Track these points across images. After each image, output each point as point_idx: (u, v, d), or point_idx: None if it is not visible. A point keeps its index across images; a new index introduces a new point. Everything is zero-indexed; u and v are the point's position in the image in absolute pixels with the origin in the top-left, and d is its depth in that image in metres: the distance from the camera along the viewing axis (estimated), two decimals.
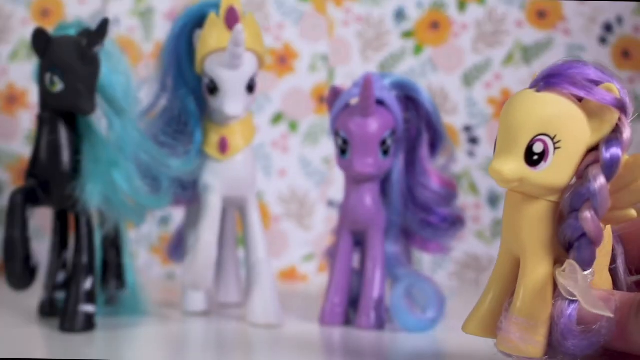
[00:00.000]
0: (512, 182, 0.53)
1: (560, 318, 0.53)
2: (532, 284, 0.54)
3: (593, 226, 0.52)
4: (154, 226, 1.10)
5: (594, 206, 0.52)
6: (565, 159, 0.53)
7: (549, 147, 0.52)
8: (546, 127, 0.52)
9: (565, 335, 0.53)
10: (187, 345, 0.77)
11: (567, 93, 0.53)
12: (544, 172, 0.53)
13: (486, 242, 1.09)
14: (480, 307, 0.57)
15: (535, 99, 0.53)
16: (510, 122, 0.53)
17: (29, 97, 1.09)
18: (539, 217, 0.54)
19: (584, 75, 0.53)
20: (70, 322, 0.77)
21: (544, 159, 0.52)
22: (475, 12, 1.10)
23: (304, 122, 1.11)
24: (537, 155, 0.52)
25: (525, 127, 0.53)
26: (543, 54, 1.09)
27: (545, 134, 0.52)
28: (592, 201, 0.52)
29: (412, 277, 0.82)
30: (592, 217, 0.52)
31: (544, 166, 0.53)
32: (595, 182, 0.52)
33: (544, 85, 0.54)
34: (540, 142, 0.52)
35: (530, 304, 0.54)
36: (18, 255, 0.75)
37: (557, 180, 0.53)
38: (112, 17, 1.06)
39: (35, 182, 0.77)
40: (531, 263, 0.54)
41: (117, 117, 0.79)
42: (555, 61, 0.55)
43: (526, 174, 0.53)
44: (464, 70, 1.11)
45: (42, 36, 0.76)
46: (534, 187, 0.53)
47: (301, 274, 1.11)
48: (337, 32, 1.11)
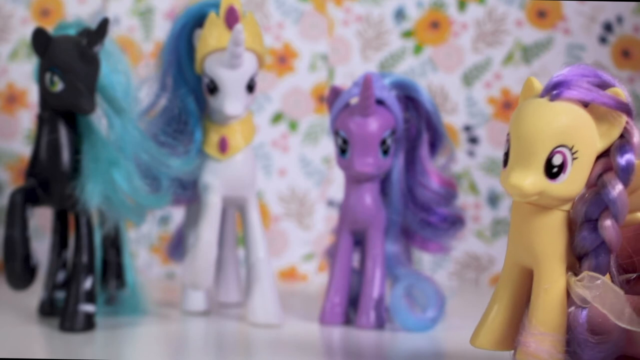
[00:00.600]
0: (532, 196, 0.52)
1: (575, 327, 0.52)
2: (552, 296, 0.53)
3: (614, 234, 0.52)
4: (154, 226, 1.10)
5: (613, 214, 0.52)
6: (581, 169, 0.52)
7: (568, 158, 0.52)
8: (564, 138, 0.52)
9: (582, 345, 0.52)
10: (187, 345, 0.77)
11: (577, 100, 0.53)
12: (562, 184, 0.52)
13: (486, 242, 1.09)
14: (487, 319, 0.57)
15: (550, 109, 0.52)
16: (525, 133, 0.52)
17: (29, 96, 1.09)
18: (554, 227, 0.53)
19: (591, 80, 0.53)
20: (70, 321, 0.77)
21: (563, 171, 0.52)
22: (475, 12, 1.10)
23: (304, 122, 1.11)
24: (557, 167, 0.52)
25: (543, 139, 0.52)
26: (543, 54, 1.09)
27: (564, 145, 0.52)
28: (612, 209, 0.52)
29: (412, 276, 0.83)
30: (613, 225, 0.52)
31: (563, 178, 0.52)
32: (614, 190, 0.51)
33: (556, 95, 0.53)
34: (560, 154, 0.52)
35: (550, 316, 0.53)
36: (18, 254, 0.75)
37: (574, 190, 0.53)
38: (112, 17, 1.06)
39: (35, 181, 0.77)
40: (548, 274, 0.53)
41: (117, 116, 0.78)
42: (561, 67, 0.54)
43: (546, 187, 0.52)
44: (464, 70, 1.10)
45: (42, 36, 0.76)
46: (552, 199, 0.53)
47: (301, 273, 1.11)
48: (337, 32, 1.11)
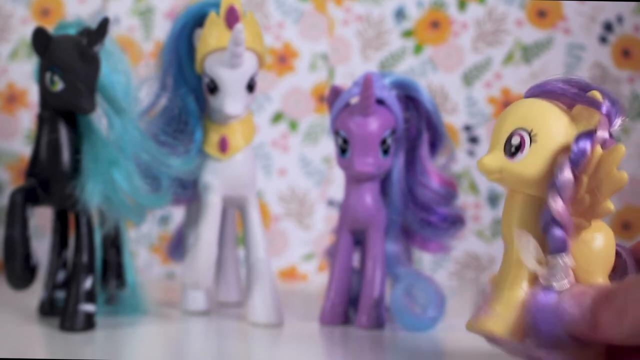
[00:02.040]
0: (494, 173, 0.59)
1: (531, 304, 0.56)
2: (504, 266, 0.59)
3: (559, 211, 0.56)
4: (154, 225, 1.10)
5: (560, 194, 0.56)
6: (540, 152, 0.58)
7: (525, 139, 0.58)
8: (523, 122, 0.58)
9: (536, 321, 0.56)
10: (187, 345, 0.77)
11: (555, 99, 0.59)
12: (520, 163, 0.58)
13: (486, 242, 1.09)
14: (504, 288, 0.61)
15: (518, 102, 0.60)
16: (497, 124, 0.60)
17: (29, 96, 1.09)
18: (517, 207, 0.59)
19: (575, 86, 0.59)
20: (70, 321, 0.77)
21: (520, 150, 0.58)
22: (476, 12, 1.10)
23: (304, 122, 1.11)
24: (514, 147, 0.58)
25: (505, 124, 0.59)
26: (543, 54, 1.09)
27: (523, 128, 0.58)
28: (558, 190, 0.56)
29: (412, 276, 0.82)
30: (559, 204, 0.56)
31: (520, 157, 0.58)
32: (561, 173, 0.57)
33: (530, 94, 0.60)
34: (518, 135, 0.58)
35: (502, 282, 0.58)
36: (18, 254, 0.75)
37: (532, 171, 0.58)
38: (112, 16, 1.06)
39: (35, 181, 0.77)
40: (508, 250, 0.59)
41: (117, 116, 0.78)
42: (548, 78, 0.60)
43: (505, 164, 0.58)
44: (464, 70, 1.11)
45: (42, 35, 0.76)
46: (512, 177, 0.58)
47: (301, 273, 1.11)
48: (337, 31, 1.11)
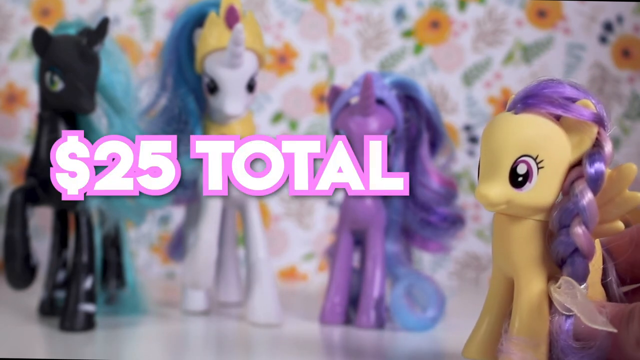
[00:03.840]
0: (499, 205, 0.54)
1: (559, 334, 0.53)
2: (528, 302, 0.55)
3: (585, 240, 0.53)
4: (154, 225, 1.10)
5: (584, 221, 0.53)
6: (549, 178, 0.54)
7: (532, 167, 0.54)
8: (528, 148, 0.53)
9: (565, 351, 0.53)
10: (187, 345, 0.77)
11: (545, 112, 0.54)
12: (529, 193, 0.54)
13: (486, 241, 1.09)
14: (478, 331, 0.58)
15: (514, 121, 0.54)
16: (491, 146, 0.54)
17: (29, 96, 1.09)
18: (527, 236, 0.55)
19: (560, 94, 0.55)
20: (70, 321, 0.77)
21: (528, 180, 0.54)
22: (476, 11, 1.10)
23: (304, 122, 1.11)
24: (521, 176, 0.54)
25: (507, 150, 0.54)
26: (543, 53, 1.09)
27: (528, 155, 0.53)
28: (582, 216, 0.53)
29: (412, 276, 0.83)
30: (584, 232, 0.53)
31: (529, 187, 0.54)
32: (584, 198, 0.53)
33: (522, 107, 0.55)
34: (524, 163, 0.54)
35: (528, 323, 0.54)
36: (18, 254, 0.75)
37: (543, 200, 0.54)
38: (112, 16, 1.06)
39: (35, 181, 0.77)
40: (524, 281, 0.55)
41: (117, 116, 0.79)
42: (530, 82, 0.56)
43: (512, 195, 0.54)
44: (464, 70, 1.11)
45: (42, 35, 0.76)
46: (521, 208, 0.54)
47: (301, 273, 1.11)
48: (337, 31, 1.11)
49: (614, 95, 1.07)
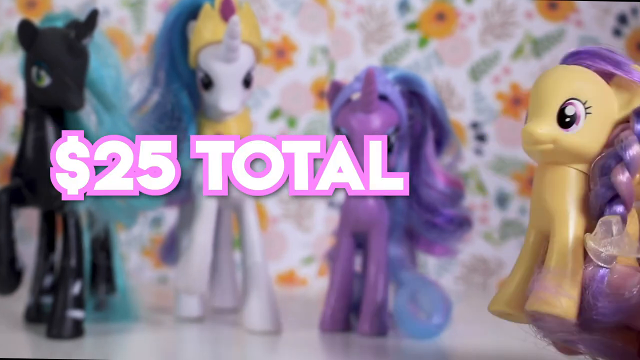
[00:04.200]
0: (546, 143, 0.56)
1: (591, 281, 0.55)
2: (564, 244, 0.56)
3: (626, 187, 0.55)
4: (146, 227, 1.10)
5: (627, 167, 0.55)
6: (595, 126, 0.56)
7: (580, 111, 0.56)
8: (577, 92, 0.56)
9: (596, 296, 0.54)
10: (180, 353, 0.78)
11: (596, 69, 0.57)
12: (576, 135, 0.56)
13: (494, 244, 1.09)
14: (508, 285, 0.59)
15: (566, 69, 0.58)
16: (541, 90, 0.57)
17: (15, 92, 1.08)
18: (567, 183, 0.57)
19: (613, 55, 0.58)
20: (58, 328, 0.77)
21: (575, 122, 0.56)
22: (483, 3, 1.10)
23: (303, 118, 1.11)
24: (569, 117, 0.56)
25: (557, 92, 0.57)
26: (554, 47, 1.09)
27: (577, 99, 0.56)
28: (626, 164, 0.55)
29: (417, 281, 0.82)
30: (627, 178, 0.55)
31: (576, 129, 0.56)
32: (630, 147, 0.55)
33: (573, 61, 0.58)
34: (572, 105, 0.56)
35: (564, 259, 0.55)
36: (3, 258, 0.75)
37: (587, 146, 0.56)
38: (101, 8, 1.06)
39: (21, 181, 0.77)
40: (560, 225, 0.56)
41: (106, 112, 0.78)
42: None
43: (558, 135, 0.56)
44: (471, 64, 1.11)
45: (28, 28, 0.76)
46: (565, 149, 0.56)
47: (300, 277, 1.11)
48: (338, 24, 1.11)
49: None
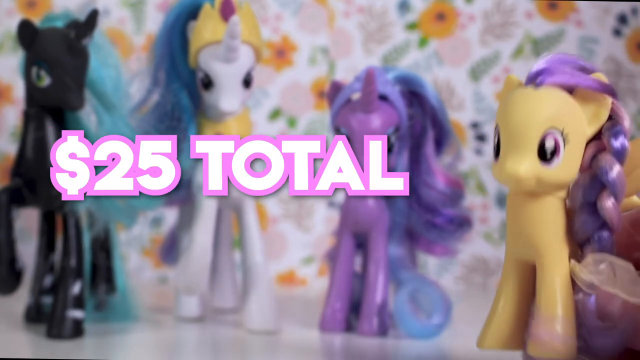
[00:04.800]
0: (529, 182, 0.54)
1: (585, 314, 0.54)
2: (556, 282, 0.55)
3: (615, 214, 0.54)
4: (146, 227, 1.10)
5: (613, 193, 0.54)
6: (573, 152, 0.55)
7: (560, 141, 0.54)
8: (554, 121, 0.54)
9: (592, 332, 0.54)
10: (180, 353, 0.77)
11: (561, 85, 0.55)
12: (558, 168, 0.54)
13: (494, 244, 1.09)
14: (493, 319, 0.58)
15: (537, 95, 0.55)
16: (515, 121, 0.55)
17: (15, 92, 1.08)
18: (551, 214, 0.55)
19: (574, 66, 0.56)
20: (58, 328, 0.77)
21: (556, 155, 0.54)
22: (483, 3, 1.10)
23: (303, 118, 1.11)
24: (550, 151, 0.54)
25: (533, 124, 0.54)
26: (554, 47, 1.09)
27: (555, 128, 0.54)
28: (611, 189, 0.54)
29: (417, 281, 0.83)
30: (614, 205, 0.54)
31: (557, 161, 0.54)
32: (612, 170, 0.54)
33: (540, 82, 0.55)
34: (551, 136, 0.54)
35: (557, 302, 0.55)
36: (3, 258, 0.75)
37: (569, 175, 0.55)
38: (101, 8, 1.05)
39: (21, 181, 0.77)
40: (549, 261, 0.55)
41: (106, 112, 0.79)
42: (541, 56, 0.57)
43: (541, 171, 0.54)
44: (471, 64, 1.10)
45: (28, 28, 0.76)
46: (548, 184, 0.55)
47: (300, 277, 1.11)
48: (338, 24, 1.11)
49: (628, 91, 1.07)
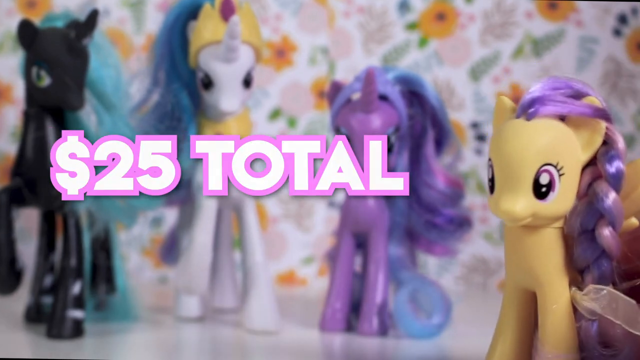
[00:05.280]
0: (525, 220, 0.54)
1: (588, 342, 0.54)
2: (559, 314, 0.55)
3: (613, 242, 0.53)
4: (146, 227, 1.09)
5: (610, 221, 0.53)
6: (569, 184, 0.54)
7: (555, 176, 0.54)
8: (548, 156, 0.53)
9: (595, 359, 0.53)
10: (180, 353, 0.78)
11: (553, 115, 0.54)
12: (553, 203, 0.54)
13: (494, 244, 1.09)
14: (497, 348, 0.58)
15: (529, 128, 0.54)
16: (508, 157, 0.54)
17: (15, 92, 1.08)
18: (550, 245, 0.55)
19: (564, 92, 0.55)
20: (58, 328, 0.77)
21: (552, 189, 0.54)
22: (483, 3, 1.10)
23: (303, 118, 1.11)
24: (545, 186, 0.53)
25: (527, 161, 0.53)
26: (554, 47, 1.09)
27: (549, 163, 0.53)
28: (608, 217, 0.53)
29: (417, 281, 0.83)
30: (611, 233, 0.53)
31: (553, 196, 0.54)
32: (608, 198, 0.53)
33: (532, 113, 0.54)
34: (546, 172, 0.53)
35: (561, 335, 0.54)
36: (3, 258, 0.75)
37: (566, 207, 0.55)
38: (101, 8, 1.06)
39: (21, 181, 0.77)
40: (551, 292, 0.55)
41: (107, 112, 0.79)
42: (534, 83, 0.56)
43: (537, 208, 0.54)
44: (472, 64, 1.10)
45: (28, 28, 0.76)
46: (545, 219, 0.54)
47: (300, 277, 1.11)
48: (338, 24, 1.11)
49: (628, 91, 1.07)
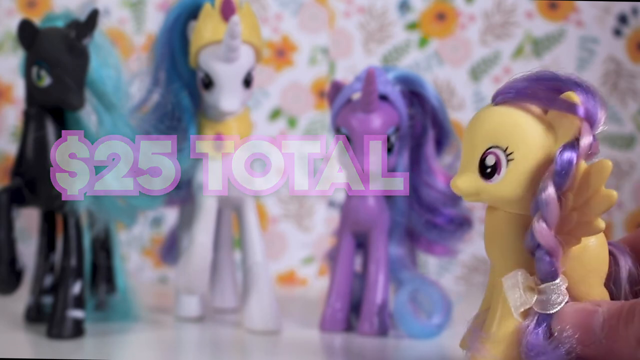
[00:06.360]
0: (470, 196, 0.56)
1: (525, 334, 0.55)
2: (492, 292, 0.57)
3: (545, 237, 0.54)
4: (146, 227, 1.10)
5: (543, 216, 0.54)
6: (520, 170, 0.55)
7: (501, 159, 0.55)
8: (497, 139, 0.55)
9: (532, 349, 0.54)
10: (180, 353, 0.78)
11: (525, 105, 0.55)
12: (498, 184, 0.55)
13: None
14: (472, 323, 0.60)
15: (488, 112, 0.56)
16: (467, 137, 0.57)
17: (15, 91, 1.09)
18: (499, 228, 0.57)
19: (551, 84, 0.55)
20: (58, 328, 0.77)
21: (497, 172, 0.55)
22: (484, 3, 1.10)
23: (304, 118, 1.11)
24: (490, 167, 0.55)
25: (477, 141, 0.56)
26: (555, 47, 1.10)
27: (497, 146, 0.55)
28: (542, 211, 0.54)
29: (417, 281, 0.83)
30: (543, 228, 0.54)
31: (497, 178, 0.55)
32: (544, 192, 0.54)
33: (501, 99, 0.56)
34: (492, 154, 0.55)
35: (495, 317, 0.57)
36: (3, 258, 0.75)
37: (512, 192, 0.55)
38: (102, 8, 1.06)
39: (21, 181, 0.78)
40: (493, 276, 0.58)
41: (107, 112, 0.79)
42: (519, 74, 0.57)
43: (481, 187, 0.56)
44: (472, 64, 1.11)
45: (29, 28, 0.76)
46: (491, 199, 0.56)
47: (300, 277, 1.11)
48: (338, 24, 1.11)
49: (628, 91, 1.07)
